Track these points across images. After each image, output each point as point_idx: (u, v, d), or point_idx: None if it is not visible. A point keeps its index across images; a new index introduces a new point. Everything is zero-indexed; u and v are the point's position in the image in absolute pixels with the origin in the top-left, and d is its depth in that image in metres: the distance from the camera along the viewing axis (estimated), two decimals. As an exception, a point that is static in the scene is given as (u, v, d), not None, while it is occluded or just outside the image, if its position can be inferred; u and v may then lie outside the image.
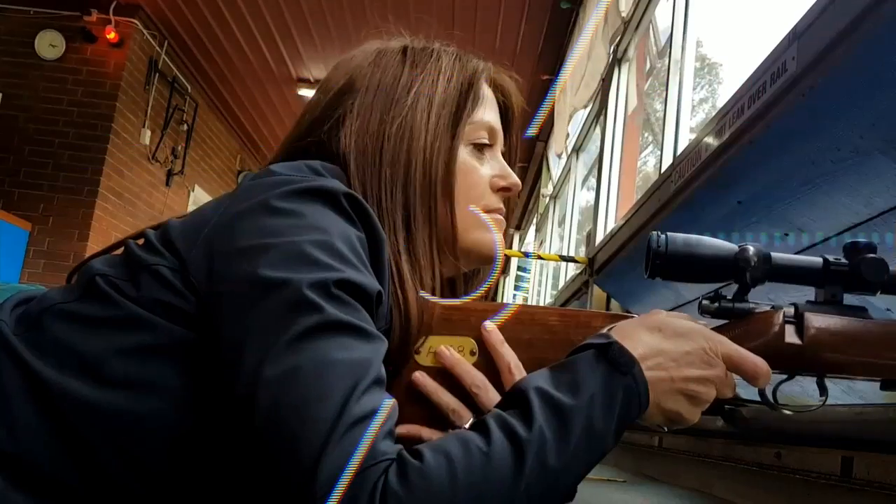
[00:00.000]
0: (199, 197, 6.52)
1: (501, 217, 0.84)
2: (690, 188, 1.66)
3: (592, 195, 4.06)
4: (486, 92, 0.85)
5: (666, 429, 0.68)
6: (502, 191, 0.84)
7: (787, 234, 1.44)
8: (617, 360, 0.62)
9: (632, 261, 2.35)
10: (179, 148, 6.14)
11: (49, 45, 5.19)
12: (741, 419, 1.10)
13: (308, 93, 6.13)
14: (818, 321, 0.71)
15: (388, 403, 0.57)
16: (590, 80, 3.79)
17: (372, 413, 0.55)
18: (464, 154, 0.82)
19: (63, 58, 5.20)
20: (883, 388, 0.74)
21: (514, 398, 0.60)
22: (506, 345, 0.73)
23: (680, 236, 0.73)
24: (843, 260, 0.73)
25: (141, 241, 0.70)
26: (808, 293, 0.75)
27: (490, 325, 0.74)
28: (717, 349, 0.67)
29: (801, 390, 0.74)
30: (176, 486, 0.64)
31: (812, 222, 1.36)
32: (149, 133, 5.56)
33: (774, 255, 0.73)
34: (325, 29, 5.21)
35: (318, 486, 0.51)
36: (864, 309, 0.73)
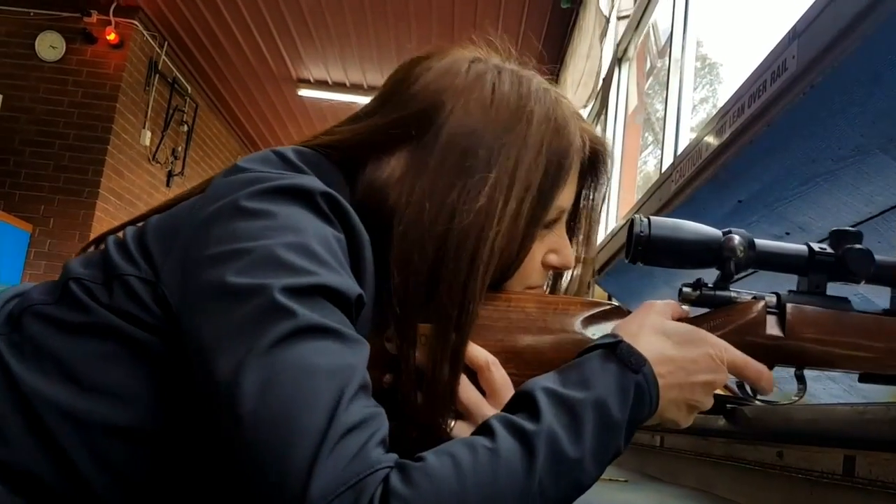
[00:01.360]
0: (200, 198, 6.51)
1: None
2: (691, 187, 1.65)
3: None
4: (575, 164, 0.75)
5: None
6: (551, 268, 0.78)
7: (787, 233, 1.44)
8: (627, 359, 0.60)
9: (632, 260, 2.34)
10: (179, 149, 6.15)
11: (49, 46, 5.20)
12: (743, 418, 1.09)
13: (308, 93, 6.13)
14: (800, 312, 0.70)
15: (379, 410, 0.54)
16: (587, 79, 3.80)
17: (363, 421, 0.52)
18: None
19: (63, 59, 5.21)
20: (861, 380, 0.73)
21: (520, 401, 0.58)
22: (477, 347, 0.69)
23: (663, 220, 0.70)
24: (829, 249, 0.71)
25: (122, 236, 0.68)
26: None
27: None
28: (723, 356, 0.66)
29: (794, 389, 0.74)
30: (155, 496, 0.63)
31: (813, 221, 1.36)
32: (149, 134, 5.56)
33: (759, 241, 0.71)
34: (324, 28, 5.20)
35: (310, 502, 0.48)
36: (846, 300, 0.72)
